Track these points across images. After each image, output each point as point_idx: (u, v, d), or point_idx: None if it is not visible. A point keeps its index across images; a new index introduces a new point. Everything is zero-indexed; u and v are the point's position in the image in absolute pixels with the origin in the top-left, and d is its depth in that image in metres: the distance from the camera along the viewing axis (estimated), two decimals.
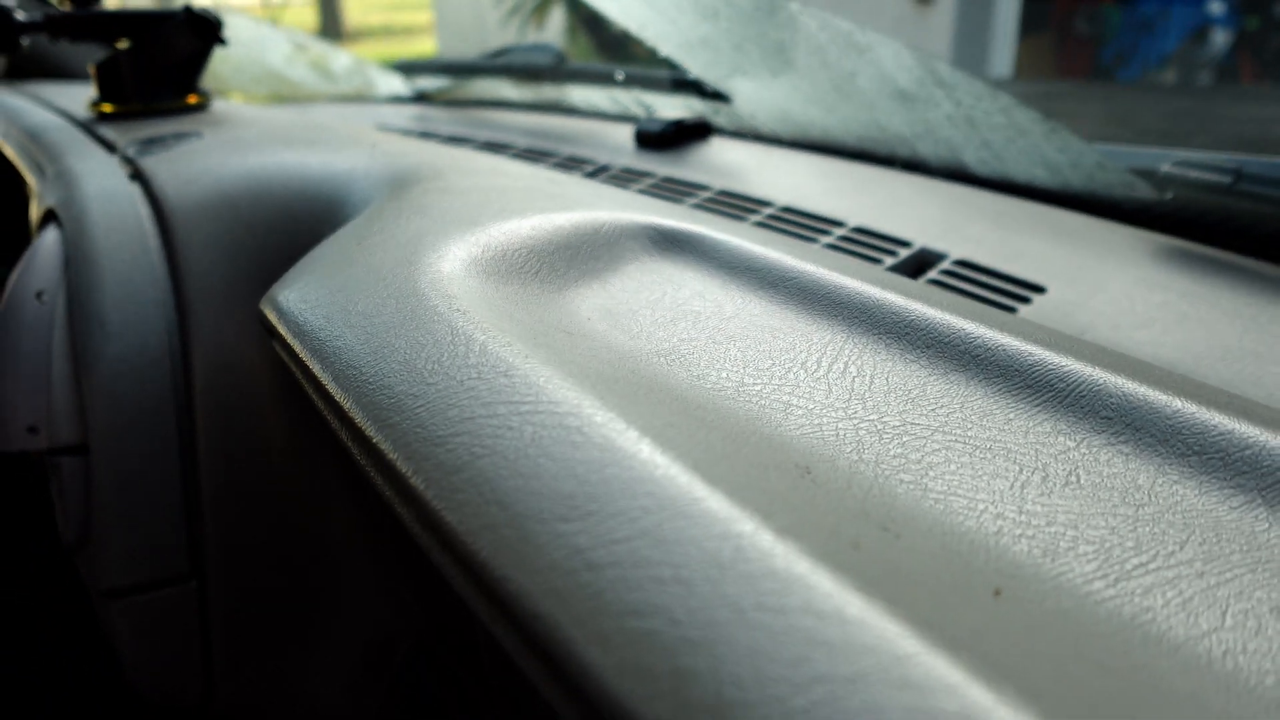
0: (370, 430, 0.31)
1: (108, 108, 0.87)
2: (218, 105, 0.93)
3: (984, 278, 0.60)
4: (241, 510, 0.62)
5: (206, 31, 0.87)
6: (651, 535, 0.22)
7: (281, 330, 0.41)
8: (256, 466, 0.63)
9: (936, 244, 0.66)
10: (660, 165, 0.92)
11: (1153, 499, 0.28)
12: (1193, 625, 0.23)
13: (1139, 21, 5.04)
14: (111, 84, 0.87)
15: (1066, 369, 0.33)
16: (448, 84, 1.48)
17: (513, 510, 0.25)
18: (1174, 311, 0.54)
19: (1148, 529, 0.27)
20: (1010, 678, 0.18)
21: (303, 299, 0.41)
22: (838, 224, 0.71)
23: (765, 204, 0.77)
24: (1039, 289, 0.58)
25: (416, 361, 0.33)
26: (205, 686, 0.65)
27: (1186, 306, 0.55)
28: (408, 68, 1.53)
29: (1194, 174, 0.65)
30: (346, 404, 0.33)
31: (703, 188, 0.82)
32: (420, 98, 1.52)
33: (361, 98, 1.61)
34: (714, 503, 0.23)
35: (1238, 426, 0.29)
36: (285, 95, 1.64)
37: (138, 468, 0.58)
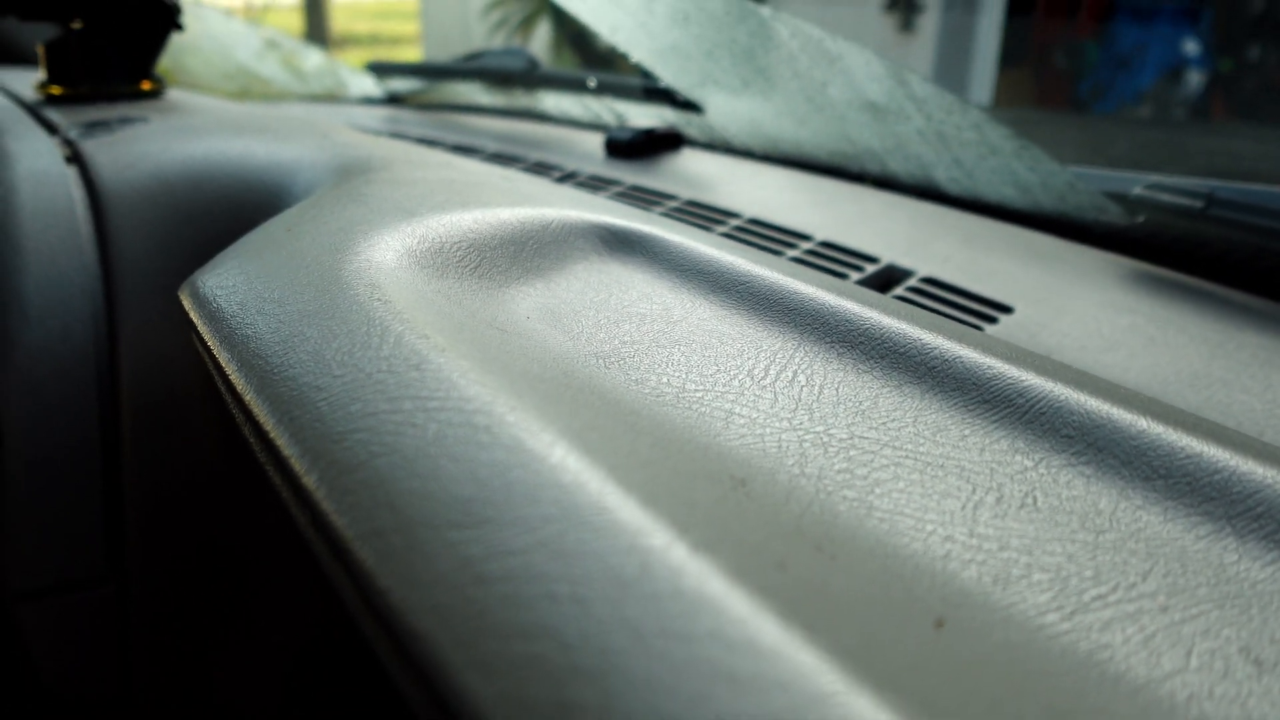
0: (268, 423, 0.28)
1: (55, 90, 0.83)
2: (172, 94, 0.90)
3: (951, 295, 0.58)
4: (166, 510, 0.59)
5: (164, 15, 0.84)
6: (550, 547, 0.20)
7: (195, 317, 0.38)
8: (184, 464, 0.60)
9: (903, 260, 0.64)
10: (629, 174, 0.90)
11: (1114, 525, 0.26)
12: (1155, 665, 0.21)
13: (1116, 58, 5.11)
14: (60, 65, 0.83)
15: (1026, 384, 0.31)
16: (420, 86, 1.45)
17: (404, 515, 0.22)
18: (1142, 335, 0.53)
19: (1108, 557, 0.24)
20: None
21: (219, 284, 0.38)
22: (805, 237, 0.69)
23: (732, 215, 0.75)
24: (1006, 309, 0.56)
25: (326, 352, 0.30)
26: (126, 694, 0.62)
27: (1155, 330, 0.53)
28: (380, 69, 1.50)
29: (1165, 198, 0.63)
30: (247, 395, 0.30)
31: (670, 197, 0.80)
32: (392, 99, 1.49)
33: (333, 98, 1.58)
34: (625, 513, 0.20)
35: (1207, 449, 0.27)
36: (255, 93, 1.60)
37: (54, 462, 0.55)
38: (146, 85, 0.87)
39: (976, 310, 0.56)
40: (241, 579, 0.63)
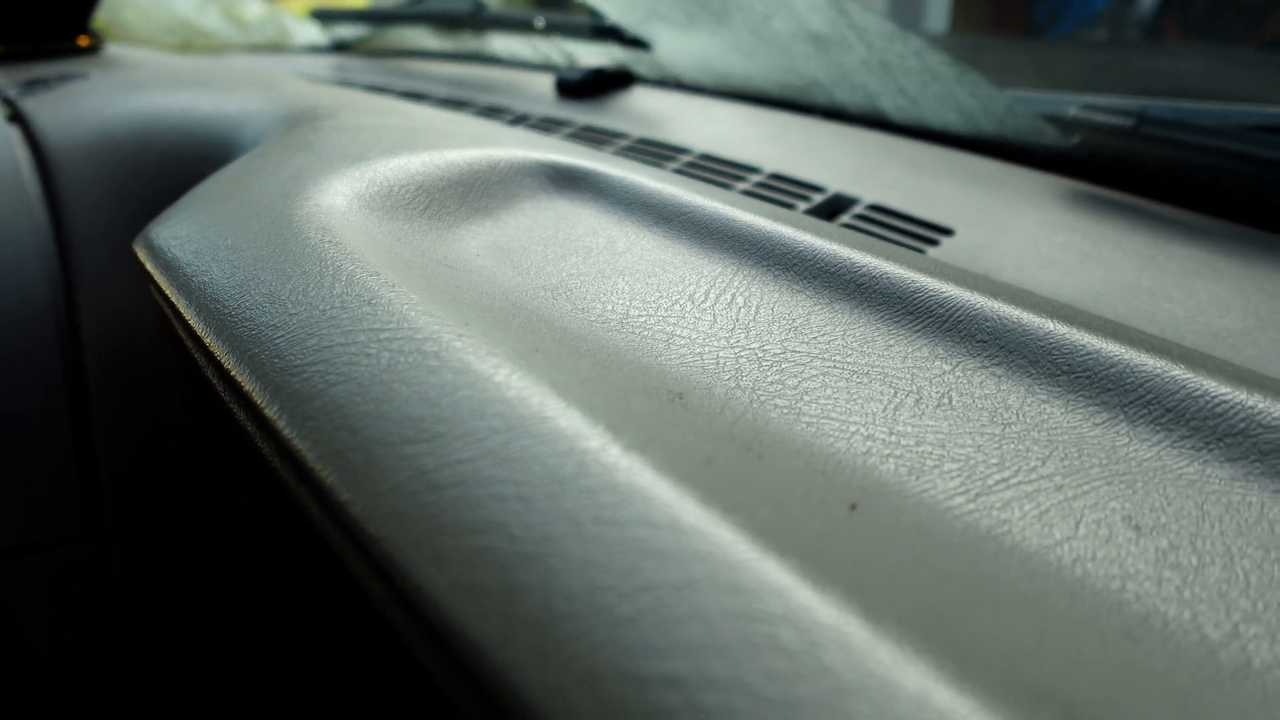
0: (229, 362, 0.30)
1: None
2: (111, 49, 0.89)
3: (895, 221, 0.60)
4: (138, 462, 0.60)
5: None
6: (497, 454, 0.22)
7: (151, 268, 0.39)
8: (156, 423, 0.61)
9: (851, 189, 0.66)
10: (580, 114, 0.90)
11: (1021, 418, 0.28)
12: (1046, 535, 0.23)
13: None
14: None
15: (945, 294, 0.33)
16: (367, 33, 1.43)
17: (362, 435, 0.24)
18: (1077, 252, 0.55)
19: (1013, 446, 0.27)
20: (840, 580, 0.18)
21: (173, 235, 0.39)
22: (754, 170, 0.70)
23: (683, 151, 0.76)
24: (948, 231, 0.58)
25: (281, 293, 0.31)
26: (109, 655, 0.63)
27: (1089, 246, 0.55)
28: (325, 16, 1.47)
29: (1099, 117, 0.65)
30: (208, 338, 0.32)
31: (621, 135, 0.81)
32: (339, 47, 1.47)
33: (277, 48, 1.56)
34: (564, 421, 0.22)
35: (1105, 345, 0.29)
36: (197, 46, 1.57)
37: (23, 422, 0.56)
38: (84, 41, 0.85)
39: (919, 234, 0.58)
40: (217, 527, 0.65)
